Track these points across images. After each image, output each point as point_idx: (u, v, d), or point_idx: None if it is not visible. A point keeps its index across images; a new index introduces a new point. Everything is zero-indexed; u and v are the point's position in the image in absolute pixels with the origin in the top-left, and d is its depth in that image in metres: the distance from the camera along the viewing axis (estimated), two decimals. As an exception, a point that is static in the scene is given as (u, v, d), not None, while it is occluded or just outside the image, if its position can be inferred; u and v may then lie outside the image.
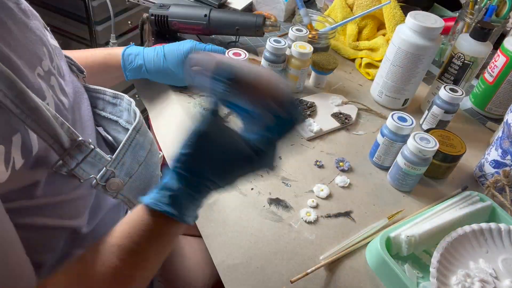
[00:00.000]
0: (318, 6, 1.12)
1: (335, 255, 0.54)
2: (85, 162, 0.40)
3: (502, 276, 0.50)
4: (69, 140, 0.38)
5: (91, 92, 0.57)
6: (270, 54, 0.76)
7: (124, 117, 0.57)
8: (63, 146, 0.37)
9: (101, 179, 0.43)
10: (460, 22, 0.90)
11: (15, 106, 0.31)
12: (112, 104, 0.57)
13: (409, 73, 0.75)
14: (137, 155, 0.49)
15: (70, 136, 0.38)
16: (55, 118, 0.36)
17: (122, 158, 0.46)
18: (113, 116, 0.57)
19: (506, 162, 0.63)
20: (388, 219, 0.59)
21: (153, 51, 0.65)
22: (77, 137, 0.39)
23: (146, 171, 0.51)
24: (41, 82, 0.38)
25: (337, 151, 0.70)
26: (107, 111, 0.58)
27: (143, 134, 0.51)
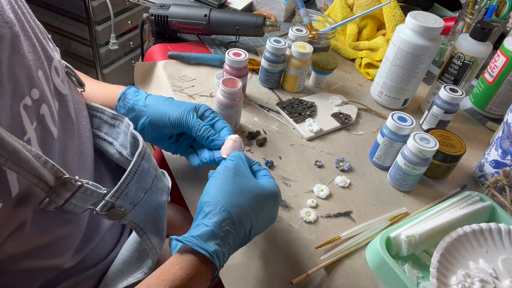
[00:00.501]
0: (318, 6, 1.12)
1: (335, 256, 0.54)
2: (75, 198, 0.38)
3: (502, 276, 0.50)
4: (53, 178, 0.36)
5: (89, 109, 0.55)
6: (270, 54, 0.76)
7: (120, 139, 0.54)
8: (48, 184, 0.36)
9: (102, 209, 0.42)
10: (460, 22, 0.90)
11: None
12: (109, 125, 0.54)
13: (409, 73, 0.75)
14: (143, 183, 0.46)
15: (54, 174, 0.36)
16: (36, 157, 0.34)
17: (126, 188, 0.44)
18: (108, 137, 0.54)
19: (506, 162, 0.63)
20: (390, 221, 0.59)
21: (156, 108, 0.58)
22: (62, 175, 0.37)
23: (152, 198, 0.48)
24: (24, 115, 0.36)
25: (337, 151, 0.70)
26: (102, 131, 0.55)
27: (148, 160, 0.48)
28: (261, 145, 0.68)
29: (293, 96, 0.80)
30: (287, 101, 0.78)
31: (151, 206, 0.49)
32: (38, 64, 0.40)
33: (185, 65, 0.84)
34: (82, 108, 0.51)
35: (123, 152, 0.53)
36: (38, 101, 0.38)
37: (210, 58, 0.84)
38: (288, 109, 0.76)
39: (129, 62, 1.78)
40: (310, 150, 0.69)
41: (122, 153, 0.53)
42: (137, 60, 1.78)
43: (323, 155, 0.69)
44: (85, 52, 1.64)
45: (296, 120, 0.73)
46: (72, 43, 1.65)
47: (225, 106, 0.65)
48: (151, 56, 0.88)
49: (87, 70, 1.69)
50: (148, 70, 0.83)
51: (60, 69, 0.46)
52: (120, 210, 0.43)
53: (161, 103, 0.57)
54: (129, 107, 0.57)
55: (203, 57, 0.84)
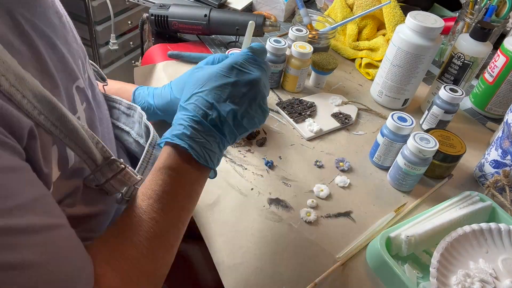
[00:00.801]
0: (318, 6, 1.12)
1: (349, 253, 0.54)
2: (114, 179, 0.41)
3: (502, 276, 0.50)
4: (102, 158, 0.39)
5: (108, 101, 0.58)
6: (270, 54, 0.76)
7: (136, 129, 0.57)
8: (95, 163, 0.39)
9: (126, 194, 0.44)
10: (460, 22, 0.90)
11: (55, 127, 0.33)
12: (126, 115, 0.58)
13: (409, 73, 0.75)
14: None
15: (103, 154, 0.39)
16: (91, 137, 0.37)
17: (143, 174, 0.47)
18: (126, 126, 0.58)
19: (506, 162, 0.63)
20: (395, 212, 0.59)
21: (161, 87, 0.62)
22: (109, 155, 0.40)
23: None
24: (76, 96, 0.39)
25: (337, 151, 0.70)
26: (121, 121, 0.58)
27: (159, 149, 0.50)
28: (261, 145, 0.68)
29: (293, 96, 0.80)
30: (287, 101, 0.78)
31: None
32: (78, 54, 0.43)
33: (185, 66, 0.84)
34: (103, 102, 0.54)
35: (140, 140, 0.56)
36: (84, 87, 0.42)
37: (210, 58, 0.84)
38: (288, 109, 0.76)
39: (129, 62, 1.78)
40: (310, 150, 0.69)
41: (139, 142, 0.56)
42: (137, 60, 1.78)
43: (323, 155, 0.69)
44: (85, 52, 1.64)
45: (296, 120, 0.73)
46: (72, 43, 1.65)
47: None
48: (151, 56, 0.88)
49: (87, 70, 1.69)
50: (148, 73, 0.83)
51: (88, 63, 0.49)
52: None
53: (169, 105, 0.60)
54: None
55: (203, 57, 0.84)
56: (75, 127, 0.35)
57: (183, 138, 0.42)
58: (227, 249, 0.54)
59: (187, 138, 0.42)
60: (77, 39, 0.45)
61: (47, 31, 0.36)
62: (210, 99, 0.43)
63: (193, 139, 0.42)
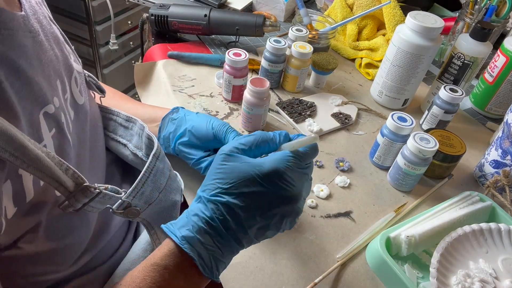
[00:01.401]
0: (318, 6, 1.12)
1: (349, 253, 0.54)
2: (93, 202, 0.39)
3: (502, 276, 0.50)
4: (73, 184, 0.37)
5: (104, 112, 0.56)
6: (270, 54, 0.76)
7: (134, 141, 0.55)
8: (68, 189, 0.36)
9: (118, 208, 0.42)
10: (460, 22, 0.90)
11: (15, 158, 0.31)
12: (123, 127, 0.56)
13: (409, 73, 0.75)
14: (157, 183, 0.46)
15: (75, 180, 0.37)
16: (58, 164, 0.35)
17: (142, 188, 0.43)
18: (123, 139, 0.56)
19: (506, 162, 0.63)
20: (395, 212, 0.59)
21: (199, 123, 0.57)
22: (82, 182, 0.37)
23: (166, 197, 0.49)
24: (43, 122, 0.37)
25: (337, 151, 0.70)
26: (117, 133, 0.56)
27: (163, 160, 0.49)
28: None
29: (293, 96, 0.80)
30: (287, 101, 0.78)
31: (164, 206, 0.49)
32: (57, 74, 0.41)
33: (185, 65, 0.84)
34: (98, 119, 0.52)
35: (138, 153, 0.54)
36: (59, 109, 0.39)
37: (210, 58, 0.84)
38: (288, 109, 0.76)
39: (129, 62, 1.78)
40: (310, 150, 0.69)
41: (137, 155, 0.54)
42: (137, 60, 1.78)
43: (323, 155, 0.69)
44: (85, 52, 1.64)
45: (296, 120, 0.73)
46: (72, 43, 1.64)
47: (254, 105, 0.66)
48: (151, 56, 0.88)
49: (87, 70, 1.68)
50: (148, 70, 0.83)
51: (79, 79, 0.47)
52: (135, 209, 0.43)
53: (204, 116, 0.58)
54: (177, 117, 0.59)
55: (203, 57, 0.84)
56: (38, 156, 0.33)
57: (193, 243, 0.37)
58: (227, 249, 0.54)
59: (198, 244, 0.37)
60: (58, 57, 0.41)
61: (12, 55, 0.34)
62: (235, 205, 0.37)
63: (204, 245, 0.37)
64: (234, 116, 0.74)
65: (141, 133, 0.53)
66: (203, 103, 0.75)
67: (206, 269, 0.38)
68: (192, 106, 0.74)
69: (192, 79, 0.80)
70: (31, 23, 0.38)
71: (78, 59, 0.50)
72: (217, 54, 0.87)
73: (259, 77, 0.69)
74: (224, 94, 0.77)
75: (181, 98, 0.75)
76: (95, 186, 0.38)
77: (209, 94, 0.77)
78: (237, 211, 0.37)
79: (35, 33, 0.38)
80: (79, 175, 0.37)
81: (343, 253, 0.54)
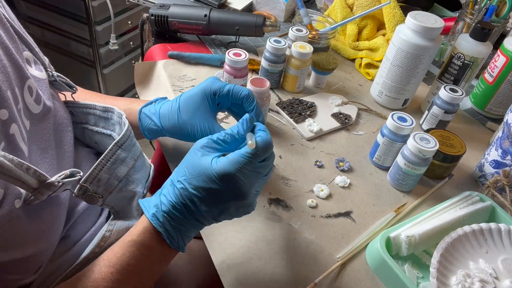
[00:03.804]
0: (318, 6, 1.12)
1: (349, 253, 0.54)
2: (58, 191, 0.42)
3: (502, 276, 0.50)
4: (37, 181, 0.39)
5: (82, 108, 0.57)
6: (270, 54, 0.76)
7: (117, 130, 0.56)
8: (32, 186, 0.39)
9: (78, 192, 0.44)
10: (460, 22, 0.90)
11: None
12: (103, 119, 0.56)
13: (409, 73, 0.75)
14: (117, 171, 0.48)
15: (37, 178, 0.39)
16: (18, 165, 0.37)
17: (98, 175, 0.46)
18: (106, 130, 0.56)
19: (506, 162, 0.63)
20: (395, 212, 0.59)
21: (168, 105, 0.58)
22: (45, 179, 0.40)
23: (127, 187, 0.50)
24: None
25: (337, 151, 0.70)
26: (99, 125, 0.57)
27: (127, 149, 0.50)
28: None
29: (293, 96, 0.80)
30: (287, 101, 0.78)
31: (127, 195, 0.51)
32: (7, 84, 0.41)
33: (185, 65, 0.84)
34: (66, 123, 0.53)
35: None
36: (7, 121, 0.40)
37: (210, 58, 0.84)
38: (288, 109, 0.76)
39: (129, 62, 1.78)
40: (310, 150, 0.69)
41: None
42: (137, 60, 1.78)
43: (323, 155, 0.69)
44: (85, 52, 1.64)
45: (296, 120, 0.73)
46: (72, 43, 1.65)
47: None
48: (151, 56, 0.88)
49: (87, 70, 1.69)
50: (148, 70, 0.83)
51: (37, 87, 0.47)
52: (95, 195, 0.46)
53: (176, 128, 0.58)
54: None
55: (203, 57, 0.84)
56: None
57: (162, 221, 0.43)
58: (227, 249, 0.54)
59: (166, 221, 0.43)
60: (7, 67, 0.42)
61: None
62: (194, 195, 0.43)
63: (171, 223, 0.44)
64: (234, 116, 0.74)
65: (120, 121, 0.54)
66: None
67: (173, 243, 0.44)
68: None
69: (192, 79, 0.80)
70: None
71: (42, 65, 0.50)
72: (217, 54, 0.87)
73: (259, 77, 0.69)
74: (224, 94, 0.76)
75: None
76: (58, 180, 0.41)
77: (209, 94, 0.77)
78: (195, 199, 0.43)
79: None
80: (40, 173, 0.39)
81: (343, 253, 0.54)
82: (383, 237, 0.52)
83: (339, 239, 0.56)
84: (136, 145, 0.53)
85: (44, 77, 0.49)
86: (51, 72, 0.51)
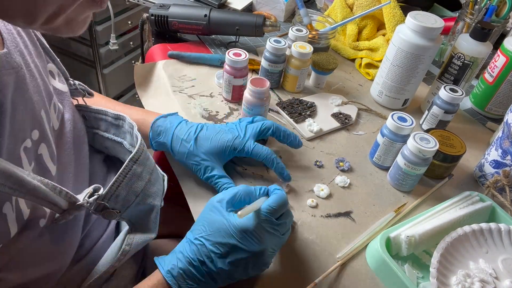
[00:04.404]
0: (318, 6, 1.12)
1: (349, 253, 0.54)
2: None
3: (502, 276, 0.50)
4: (67, 203, 0.40)
5: (93, 113, 0.57)
6: (270, 54, 0.76)
7: (127, 139, 0.56)
8: (62, 208, 0.40)
9: (95, 210, 0.44)
10: (460, 22, 0.90)
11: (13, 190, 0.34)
12: (115, 126, 0.57)
13: (409, 73, 0.75)
14: (134, 187, 0.48)
15: (68, 200, 0.40)
16: (52, 189, 0.38)
17: (116, 191, 0.45)
18: (117, 137, 0.57)
19: (506, 162, 0.63)
20: (395, 212, 0.59)
21: (185, 130, 0.59)
22: (76, 201, 0.41)
23: (143, 201, 0.50)
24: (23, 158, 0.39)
25: (337, 151, 0.70)
26: (110, 132, 0.57)
27: (142, 163, 0.50)
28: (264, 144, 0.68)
29: (293, 96, 0.80)
30: (287, 101, 0.78)
31: (142, 209, 0.51)
32: (41, 104, 0.42)
33: (185, 65, 0.84)
34: (83, 135, 0.54)
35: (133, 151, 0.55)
36: (38, 141, 0.41)
37: (210, 58, 0.84)
38: (288, 109, 0.76)
39: (129, 62, 1.78)
40: (310, 150, 0.69)
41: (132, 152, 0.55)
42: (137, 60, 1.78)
43: (323, 155, 0.69)
44: (85, 52, 1.64)
45: (296, 120, 0.73)
46: (72, 43, 1.65)
47: (254, 105, 0.66)
48: (151, 56, 0.88)
49: (87, 70, 1.69)
50: (148, 71, 0.83)
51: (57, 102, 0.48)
52: (113, 211, 0.45)
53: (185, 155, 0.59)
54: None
55: (203, 57, 0.84)
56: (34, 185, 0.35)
57: (177, 276, 0.44)
58: (227, 249, 0.54)
59: (180, 278, 0.44)
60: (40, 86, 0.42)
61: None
62: (211, 251, 0.44)
63: (186, 280, 0.44)
64: (234, 116, 0.74)
65: (131, 132, 0.54)
66: (203, 103, 0.75)
67: None
68: (192, 107, 0.74)
69: (192, 79, 0.80)
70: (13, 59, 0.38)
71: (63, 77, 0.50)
72: (217, 54, 0.87)
73: (259, 77, 0.69)
74: (224, 94, 0.77)
75: (181, 98, 0.75)
76: (86, 201, 0.41)
77: (209, 94, 0.77)
78: (212, 255, 0.44)
79: (17, 68, 0.39)
80: (72, 195, 0.40)
81: (343, 253, 0.54)
82: (383, 237, 0.52)
83: (339, 239, 0.56)
84: (150, 158, 0.53)
85: (66, 90, 0.50)
86: (72, 81, 0.52)
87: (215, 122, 0.72)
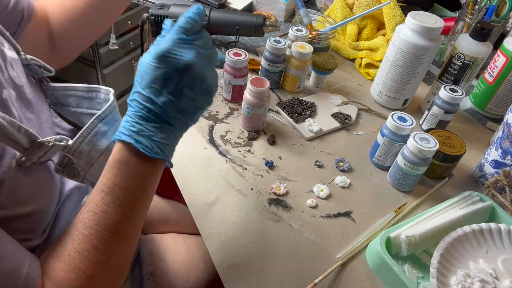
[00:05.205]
0: (318, 6, 1.12)
1: (349, 253, 0.54)
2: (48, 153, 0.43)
3: (502, 276, 0.50)
4: (27, 141, 0.40)
5: (60, 91, 0.56)
6: (270, 54, 0.76)
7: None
8: (23, 146, 0.40)
9: (60, 164, 0.45)
10: (460, 22, 0.90)
11: None
12: (87, 99, 0.56)
13: (409, 73, 0.75)
14: (97, 145, 0.49)
15: (28, 138, 0.40)
16: (10, 123, 0.38)
17: (79, 147, 0.46)
18: (92, 110, 0.56)
19: (506, 162, 0.63)
20: (395, 212, 0.59)
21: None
22: (36, 139, 0.41)
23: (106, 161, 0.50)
24: None
25: (337, 151, 0.70)
26: (83, 106, 0.56)
27: (109, 123, 0.50)
28: (273, 143, 0.68)
29: (293, 96, 0.80)
30: (287, 101, 0.78)
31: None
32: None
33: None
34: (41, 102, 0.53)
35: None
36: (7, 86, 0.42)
37: (210, 58, 0.84)
38: (288, 109, 0.76)
39: (129, 62, 1.78)
40: (310, 150, 0.69)
41: None
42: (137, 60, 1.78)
43: (323, 155, 0.69)
44: (85, 52, 1.64)
45: (296, 120, 0.73)
46: (72, 43, 1.65)
47: (254, 105, 0.66)
48: (151, 56, 0.88)
49: (87, 70, 1.69)
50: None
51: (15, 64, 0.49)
52: (75, 167, 0.46)
53: None
54: None
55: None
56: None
57: (129, 134, 0.43)
58: (227, 249, 0.54)
59: (133, 133, 0.43)
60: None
61: None
62: (148, 93, 0.43)
63: (139, 133, 0.43)
64: (234, 116, 0.74)
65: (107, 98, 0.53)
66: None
67: (148, 150, 0.43)
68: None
69: (192, 79, 0.80)
70: None
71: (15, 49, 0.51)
72: (217, 54, 0.87)
73: (259, 77, 0.69)
74: (224, 94, 0.77)
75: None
76: (48, 140, 0.42)
77: (209, 94, 0.77)
78: (152, 97, 0.43)
79: None
80: (31, 132, 0.40)
81: (343, 253, 0.54)
82: (383, 237, 0.52)
83: (339, 239, 0.56)
84: (119, 121, 0.52)
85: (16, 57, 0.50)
86: (24, 55, 0.52)
87: (215, 122, 0.72)
